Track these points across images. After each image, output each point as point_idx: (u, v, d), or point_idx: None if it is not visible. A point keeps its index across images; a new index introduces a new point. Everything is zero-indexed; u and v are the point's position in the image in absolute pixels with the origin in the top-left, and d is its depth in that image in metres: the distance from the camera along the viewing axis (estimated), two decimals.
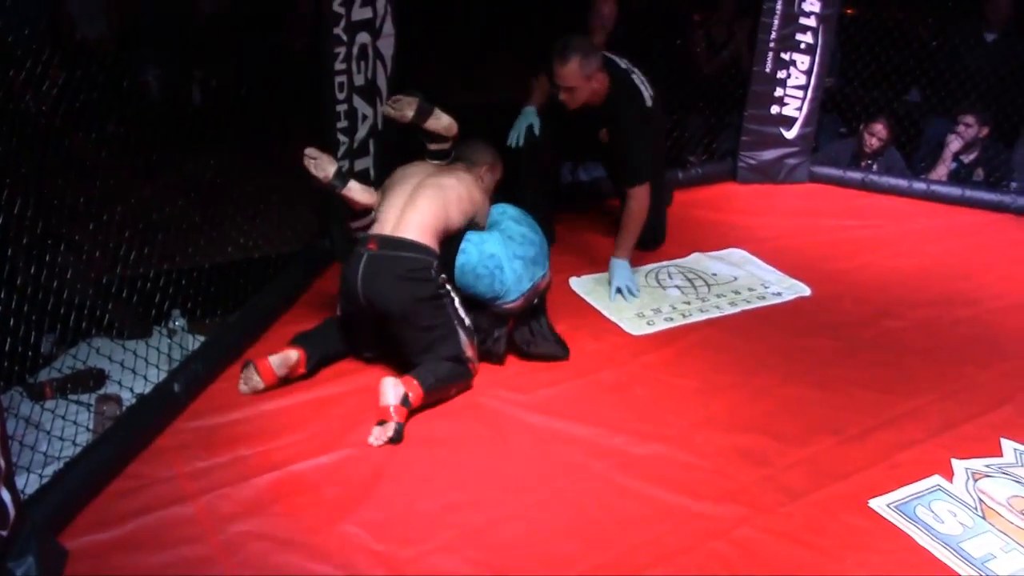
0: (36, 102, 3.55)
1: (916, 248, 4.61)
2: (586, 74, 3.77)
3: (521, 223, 3.47)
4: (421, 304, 3.18)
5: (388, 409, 3.02)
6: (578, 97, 3.83)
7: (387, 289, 3.17)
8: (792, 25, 5.04)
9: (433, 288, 3.20)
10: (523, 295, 3.36)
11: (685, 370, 3.48)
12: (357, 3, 3.85)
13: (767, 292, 4.09)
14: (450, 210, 3.32)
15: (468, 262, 3.32)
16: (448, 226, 3.31)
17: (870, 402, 3.30)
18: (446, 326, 3.22)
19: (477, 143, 3.64)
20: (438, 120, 3.43)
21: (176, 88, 5.17)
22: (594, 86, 3.83)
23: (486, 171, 3.60)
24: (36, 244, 3.32)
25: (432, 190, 3.33)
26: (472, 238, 3.37)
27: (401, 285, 3.17)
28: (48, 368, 3.32)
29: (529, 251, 3.39)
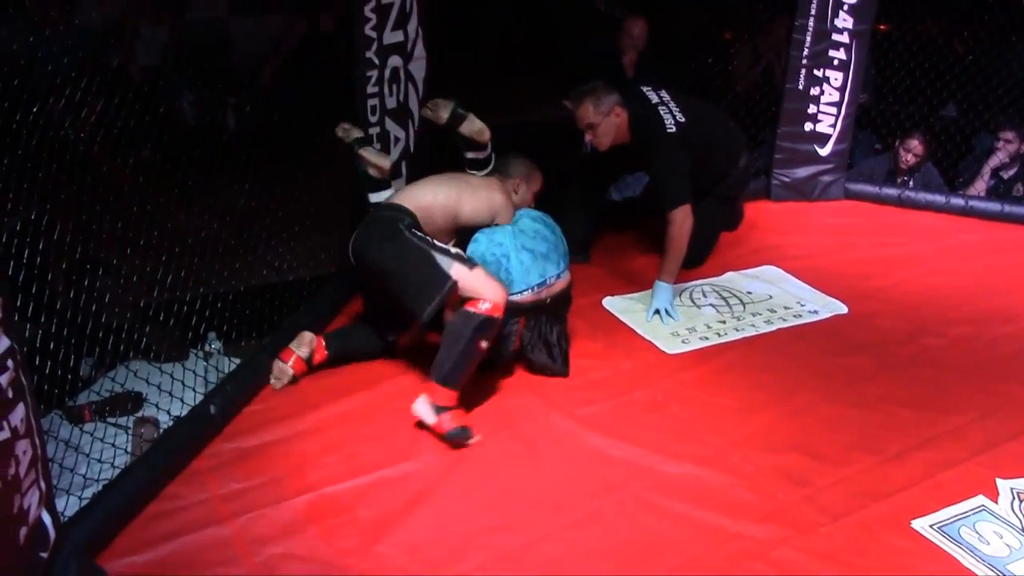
0: (75, 129, 3.60)
1: (954, 265, 4.55)
2: (602, 112, 3.88)
3: (537, 221, 3.48)
4: (377, 247, 3.27)
5: (434, 428, 3.09)
6: (602, 136, 3.93)
7: (364, 244, 3.32)
8: (825, 42, 5.02)
9: (390, 227, 3.26)
10: (531, 288, 3.34)
11: (721, 389, 3.45)
12: (389, 27, 3.88)
13: (803, 310, 4.05)
14: (460, 202, 3.42)
15: (476, 250, 3.36)
16: (448, 212, 3.40)
17: (910, 421, 3.24)
18: (412, 256, 3.20)
19: (513, 156, 3.69)
20: (471, 124, 3.55)
21: (211, 114, 5.23)
22: (615, 120, 3.92)
23: (520, 183, 3.65)
24: (75, 269, 3.37)
25: (452, 181, 3.49)
26: (485, 230, 3.44)
27: (371, 233, 3.32)
28: (87, 391, 3.36)
29: (540, 246, 3.38)
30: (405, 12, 3.93)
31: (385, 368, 3.51)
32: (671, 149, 3.96)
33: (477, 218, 3.45)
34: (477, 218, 3.45)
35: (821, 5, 4.95)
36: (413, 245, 3.21)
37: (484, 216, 3.46)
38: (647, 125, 3.99)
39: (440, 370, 3.13)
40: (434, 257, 3.17)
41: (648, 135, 3.99)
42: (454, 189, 3.45)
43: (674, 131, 3.98)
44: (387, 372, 3.49)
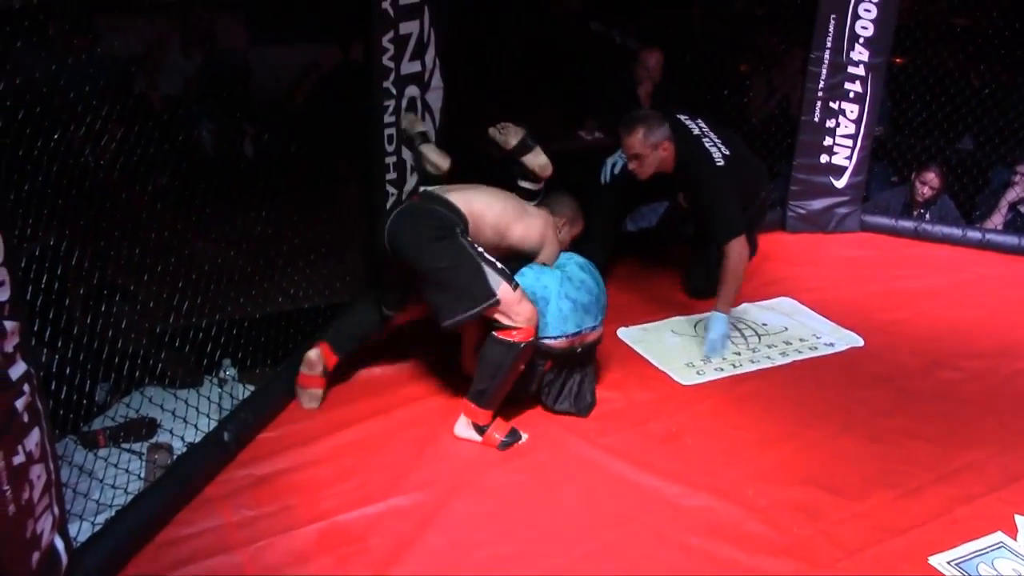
0: (95, 156, 3.64)
1: (971, 298, 4.53)
2: (651, 144, 3.84)
3: (585, 270, 3.45)
4: (427, 242, 3.14)
5: (485, 444, 3.21)
6: (646, 167, 3.90)
7: (404, 232, 3.19)
8: (840, 74, 5.03)
9: (439, 229, 3.15)
10: (566, 336, 3.32)
11: (736, 421, 3.43)
12: (406, 57, 3.91)
13: (819, 342, 4.03)
14: (512, 222, 3.35)
15: (522, 284, 3.29)
16: (499, 228, 3.31)
17: (927, 455, 3.22)
18: (464, 263, 3.11)
19: (563, 195, 3.65)
20: (537, 157, 3.50)
21: (229, 142, 5.28)
22: (661, 155, 3.89)
23: (565, 223, 3.60)
24: (92, 294, 3.39)
25: (507, 198, 3.40)
26: (535, 266, 3.39)
27: (418, 224, 3.18)
28: (102, 417, 3.37)
29: (583, 297, 3.34)
30: (423, 43, 3.96)
31: (399, 396, 3.51)
32: (722, 182, 3.96)
33: (525, 244, 3.40)
34: (525, 244, 3.40)
35: (837, 38, 4.97)
36: (465, 251, 3.13)
37: (532, 244, 3.41)
38: (694, 159, 3.96)
39: (481, 395, 3.20)
40: (484, 269, 3.11)
41: (696, 169, 3.96)
42: (510, 207, 3.37)
43: (723, 164, 3.97)
44: (401, 400, 3.49)
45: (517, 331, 3.14)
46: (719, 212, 3.94)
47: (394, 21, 3.81)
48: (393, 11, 3.79)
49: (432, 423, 3.34)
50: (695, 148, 3.97)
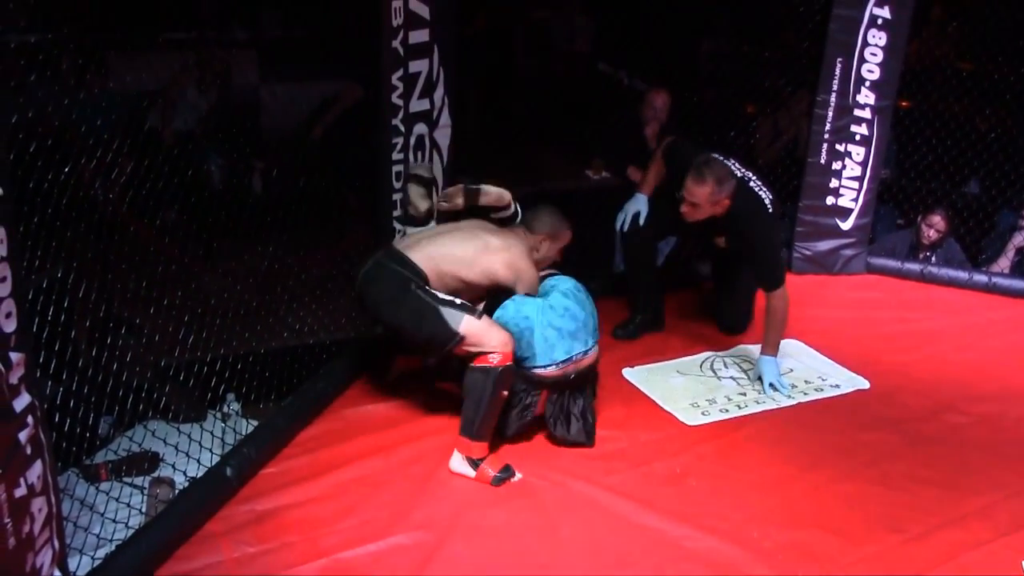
0: (104, 190, 3.66)
1: (978, 341, 4.51)
2: (714, 200, 3.81)
3: (569, 296, 3.43)
4: (386, 303, 3.33)
5: (478, 480, 3.22)
6: (699, 214, 3.88)
7: (368, 290, 3.39)
8: (846, 117, 5.05)
9: (395, 289, 3.30)
10: (555, 364, 3.32)
11: (741, 462, 3.41)
12: (415, 95, 3.95)
13: (824, 384, 4.02)
14: (473, 264, 3.39)
15: (502, 316, 3.34)
16: (460, 274, 3.38)
17: (934, 499, 3.19)
18: (422, 312, 3.24)
19: (541, 211, 3.65)
20: (487, 195, 3.62)
21: (237, 177, 5.31)
22: (718, 211, 3.88)
23: (543, 240, 3.59)
24: (99, 327, 3.40)
25: (469, 240, 3.44)
26: (517, 298, 3.41)
27: (378, 287, 3.35)
28: (104, 450, 3.36)
29: (567, 324, 3.34)
30: (432, 81, 4.00)
31: (401, 433, 3.50)
32: (773, 229, 4.00)
33: (495, 280, 3.42)
34: (495, 280, 3.42)
35: (843, 81, 5.00)
36: (421, 300, 3.26)
37: (503, 279, 3.42)
38: (748, 208, 3.93)
39: (470, 426, 3.22)
40: (441, 312, 3.22)
41: (750, 215, 3.94)
42: (469, 250, 3.41)
43: (772, 210, 3.99)
44: (403, 437, 3.47)
45: (493, 355, 3.19)
46: (769, 262, 3.95)
47: (404, 59, 3.85)
48: (403, 49, 3.83)
49: (433, 460, 3.32)
50: (748, 194, 3.94)
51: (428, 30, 3.88)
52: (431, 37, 3.90)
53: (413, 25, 3.83)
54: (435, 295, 3.27)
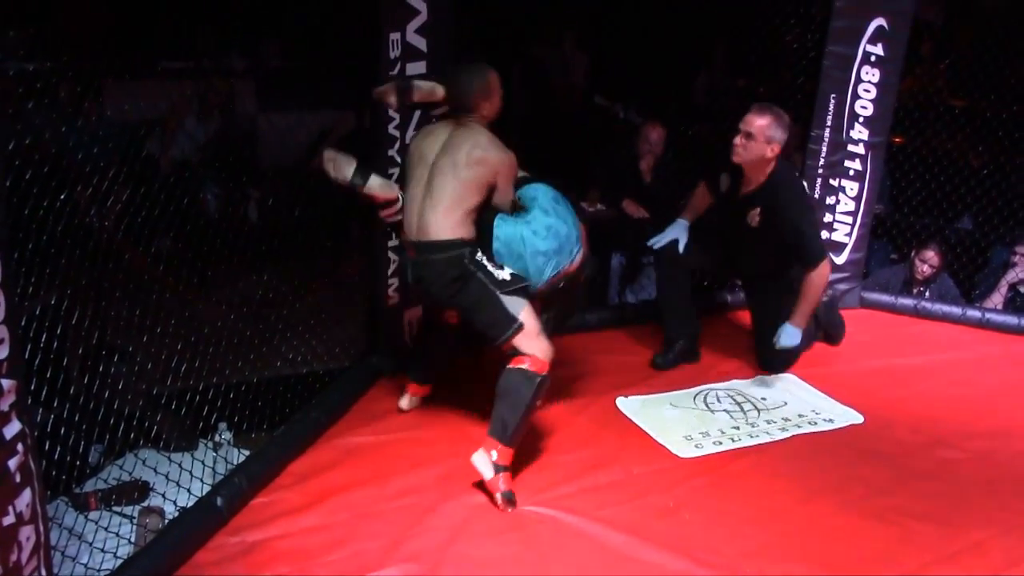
0: (100, 217, 3.67)
1: (971, 377, 4.51)
2: (768, 136, 3.90)
3: (549, 213, 3.41)
4: (455, 290, 3.30)
5: (489, 485, 3.23)
6: (750, 151, 3.94)
7: (430, 291, 3.37)
8: (840, 152, 5.08)
9: (459, 271, 3.27)
10: (545, 282, 3.41)
11: (735, 496, 3.39)
12: (411, 126, 3.96)
13: (818, 418, 4.01)
14: (467, 195, 3.26)
15: (497, 253, 3.37)
16: (470, 206, 3.29)
17: (928, 535, 3.18)
18: (483, 298, 3.26)
19: (461, 76, 3.35)
20: (419, 90, 3.48)
21: (233, 206, 5.33)
22: (766, 154, 3.93)
23: (481, 103, 3.34)
24: (91, 354, 3.39)
25: (444, 177, 3.26)
26: (500, 235, 3.36)
27: (439, 284, 3.32)
28: (94, 479, 3.34)
29: (553, 244, 3.37)
30: (428, 113, 4.02)
31: (393, 464, 3.48)
32: (810, 205, 4.07)
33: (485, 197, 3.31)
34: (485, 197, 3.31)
35: (837, 116, 5.03)
36: (481, 289, 3.27)
37: (488, 191, 3.31)
38: (787, 179, 4.04)
39: (504, 431, 3.22)
40: (500, 300, 3.26)
41: (789, 184, 4.05)
42: (450, 188, 3.24)
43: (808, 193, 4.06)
44: (396, 468, 3.46)
45: (531, 360, 3.25)
46: (809, 233, 4.02)
47: None
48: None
49: (426, 491, 3.30)
50: (789, 169, 4.03)
51: (425, 62, 3.91)
52: (428, 69, 3.93)
53: (410, 57, 3.85)
54: (493, 277, 3.27)
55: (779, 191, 4.02)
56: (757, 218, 4.09)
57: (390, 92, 3.50)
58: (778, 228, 4.05)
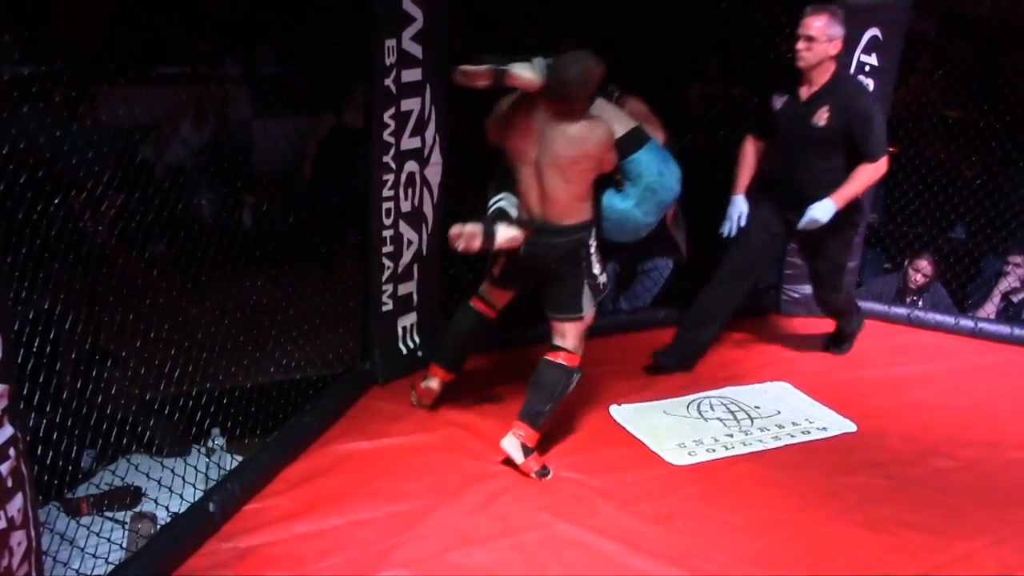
0: (93, 222, 3.66)
1: (964, 386, 4.52)
2: (828, 35, 3.94)
3: (656, 192, 3.77)
4: (562, 264, 3.50)
5: (523, 468, 3.46)
6: (814, 52, 3.96)
7: (539, 263, 3.53)
8: None
9: (575, 255, 3.49)
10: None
11: (727, 504, 3.39)
12: (407, 133, 3.97)
13: (811, 427, 4.02)
14: (579, 184, 3.41)
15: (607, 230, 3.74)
16: (583, 190, 3.44)
17: (921, 544, 3.18)
18: (574, 279, 3.51)
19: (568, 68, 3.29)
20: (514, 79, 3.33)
21: (228, 212, 5.32)
22: (830, 51, 3.97)
23: (584, 94, 3.37)
24: (84, 359, 3.38)
25: (552, 173, 3.37)
26: (609, 216, 3.74)
27: (552, 258, 3.49)
28: (86, 484, 3.33)
29: (658, 215, 3.84)
30: (423, 119, 4.02)
31: (387, 471, 3.48)
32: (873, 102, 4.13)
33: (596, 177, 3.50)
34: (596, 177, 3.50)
35: None
36: (580, 280, 3.51)
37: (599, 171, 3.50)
38: (854, 78, 4.21)
39: (535, 417, 3.47)
40: (583, 288, 3.52)
41: (855, 81, 4.25)
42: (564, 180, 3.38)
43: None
44: (388, 475, 3.46)
45: (566, 355, 3.53)
46: (877, 121, 4.05)
47: (396, 98, 3.87)
48: (395, 88, 3.85)
49: (418, 498, 3.30)
50: (845, 66, 4.12)
51: (420, 69, 3.91)
52: (423, 76, 3.93)
53: (406, 64, 3.86)
54: (592, 273, 3.53)
55: (847, 85, 4.10)
56: (826, 116, 4.04)
57: (482, 77, 3.33)
58: (847, 122, 4.02)
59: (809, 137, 4.10)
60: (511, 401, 3.94)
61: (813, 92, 4.06)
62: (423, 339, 4.27)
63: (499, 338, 4.44)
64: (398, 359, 4.18)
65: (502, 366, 4.30)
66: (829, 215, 4.05)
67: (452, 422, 3.82)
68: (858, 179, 4.06)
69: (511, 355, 4.38)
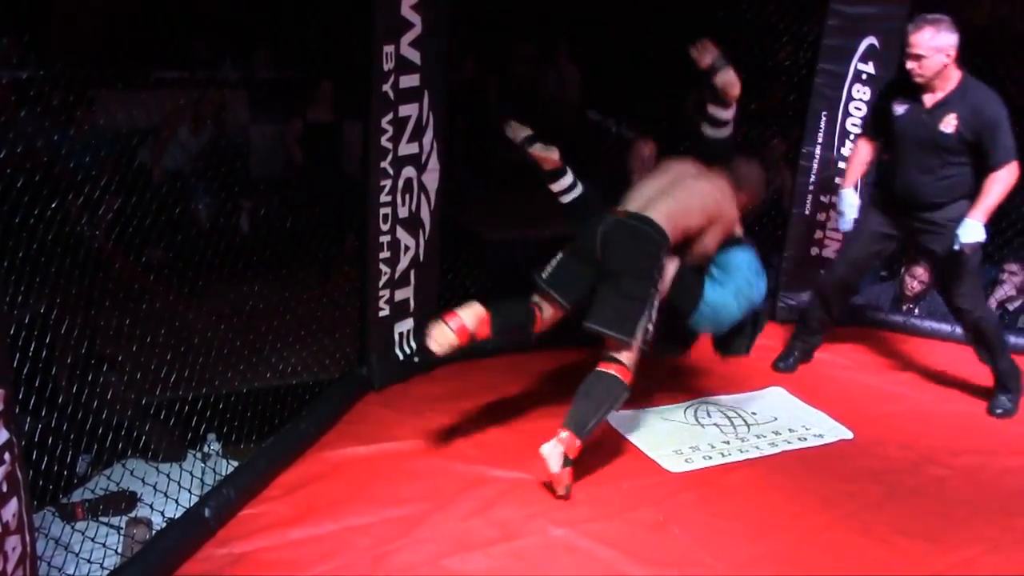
0: (91, 226, 3.66)
1: (960, 394, 4.52)
2: (936, 46, 3.86)
3: (752, 288, 3.78)
4: (639, 271, 3.43)
5: (554, 479, 3.33)
6: (928, 68, 3.91)
7: (622, 247, 3.46)
8: (831, 169, 5.10)
9: (652, 263, 3.45)
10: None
11: (724, 511, 3.39)
12: (404, 139, 3.97)
13: (808, 434, 4.02)
14: (692, 215, 3.58)
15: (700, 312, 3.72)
16: (687, 227, 3.58)
17: (916, 552, 3.18)
18: (640, 294, 3.42)
19: (752, 164, 3.87)
20: (726, 74, 3.73)
21: (225, 217, 5.32)
22: (944, 60, 3.90)
23: (746, 196, 3.79)
24: (80, 363, 3.38)
25: (686, 192, 3.59)
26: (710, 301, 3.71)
27: (636, 246, 3.46)
28: (81, 489, 3.32)
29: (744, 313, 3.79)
30: (421, 125, 4.03)
31: (383, 478, 3.47)
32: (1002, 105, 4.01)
33: (699, 230, 3.64)
34: (699, 230, 3.64)
35: (828, 134, 5.05)
36: (648, 293, 3.43)
37: (704, 231, 3.65)
38: (981, 84, 4.00)
39: (583, 427, 3.34)
40: (643, 313, 3.42)
41: (985, 87, 4.00)
42: (686, 202, 3.57)
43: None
44: (385, 482, 3.45)
45: (620, 369, 3.41)
46: (1004, 132, 3.95)
47: (394, 104, 3.88)
48: (393, 94, 3.86)
49: (414, 504, 3.29)
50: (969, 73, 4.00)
51: (419, 75, 3.92)
52: (421, 82, 3.94)
53: (404, 70, 3.86)
54: (654, 293, 3.46)
55: (976, 91, 3.99)
56: (954, 123, 3.99)
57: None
58: (977, 130, 3.97)
59: (934, 144, 4.05)
60: (509, 407, 3.94)
61: (939, 99, 4.00)
62: (420, 345, 4.27)
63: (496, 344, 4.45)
64: (394, 365, 4.18)
65: (500, 371, 4.30)
66: (982, 233, 4.00)
67: (448, 428, 3.81)
68: (995, 189, 3.97)
69: (509, 360, 4.37)
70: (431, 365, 4.26)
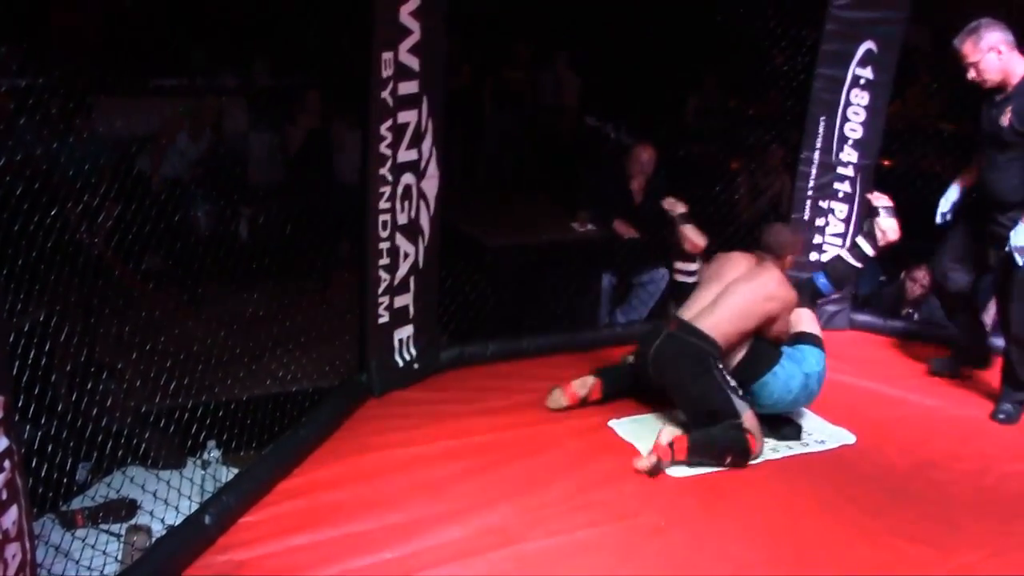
0: (90, 234, 3.66)
1: (962, 399, 4.50)
2: (983, 47, 3.88)
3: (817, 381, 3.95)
4: (693, 378, 3.70)
5: (657, 446, 3.55)
6: (984, 73, 3.93)
7: (669, 364, 3.77)
8: (830, 174, 5.11)
9: (697, 365, 3.69)
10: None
11: (725, 515, 3.38)
12: (403, 145, 3.97)
13: (809, 439, 4.01)
14: (747, 319, 3.79)
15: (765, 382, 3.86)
16: (742, 329, 3.79)
17: (918, 557, 3.17)
18: (717, 394, 3.65)
19: (773, 227, 4.12)
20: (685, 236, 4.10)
21: (224, 224, 5.32)
22: (999, 57, 3.89)
23: (791, 257, 4.05)
24: (79, 371, 3.37)
25: (738, 297, 3.80)
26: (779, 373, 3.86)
27: (682, 362, 3.73)
28: (81, 496, 3.32)
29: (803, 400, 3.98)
30: (420, 132, 4.02)
31: (383, 484, 3.46)
32: None
33: (758, 326, 3.84)
34: (758, 326, 3.84)
35: (826, 139, 5.06)
36: (717, 385, 3.67)
37: (764, 322, 3.84)
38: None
39: (696, 453, 3.58)
40: (731, 397, 3.66)
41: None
42: (739, 307, 3.78)
43: None
44: (385, 488, 3.43)
45: (752, 438, 3.65)
46: None
47: (393, 110, 3.88)
48: (392, 100, 3.86)
49: (415, 510, 3.29)
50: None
51: (417, 81, 3.92)
52: (420, 88, 3.94)
53: (403, 76, 3.87)
54: (729, 382, 3.68)
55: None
56: (1008, 117, 3.97)
57: (675, 205, 4.10)
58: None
59: (996, 139, 4.06)
60: (509, 413, 3.94)
61: (1005, 95, 4.01)
62: (419, 351, 4.27)
63: (497, 350, 4.45)
64: (394, 371, 4.17)
65: (500, 377, 4.30)
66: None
67: (448, 434, 3.80)
68: None
69: (509, 367, 4.37)
70: (430, 372, 4.25)
